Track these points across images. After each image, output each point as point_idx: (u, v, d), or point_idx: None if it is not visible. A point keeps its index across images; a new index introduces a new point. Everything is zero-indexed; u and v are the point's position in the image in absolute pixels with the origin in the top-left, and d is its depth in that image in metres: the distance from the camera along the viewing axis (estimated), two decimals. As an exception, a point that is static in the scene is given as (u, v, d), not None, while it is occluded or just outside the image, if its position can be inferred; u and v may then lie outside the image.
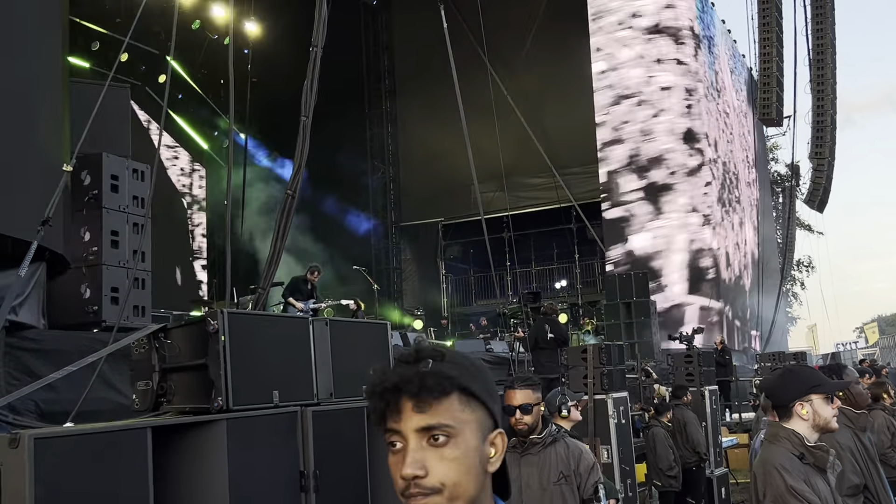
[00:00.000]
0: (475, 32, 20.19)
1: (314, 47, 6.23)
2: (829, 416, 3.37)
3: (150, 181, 8.20)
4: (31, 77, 7.13)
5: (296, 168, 6.12)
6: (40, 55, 7.37)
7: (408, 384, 1.42)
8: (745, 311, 25.28)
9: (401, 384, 1.42)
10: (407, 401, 1.42)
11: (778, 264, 30.70)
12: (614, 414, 8.83)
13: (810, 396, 3.36)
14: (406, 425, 1.42)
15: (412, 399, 1.42)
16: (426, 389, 1.41)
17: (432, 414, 1.41)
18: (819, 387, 3.39)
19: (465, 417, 1.44)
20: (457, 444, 1.42)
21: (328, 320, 4.08)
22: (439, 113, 21.74)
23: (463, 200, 21.94)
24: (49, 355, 6.45)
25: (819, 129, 22.11)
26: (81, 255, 8.06)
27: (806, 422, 3.35)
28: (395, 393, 1.43)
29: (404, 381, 1.42)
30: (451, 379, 1.44)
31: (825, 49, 21.69)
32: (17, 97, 6.85)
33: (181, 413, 3.45)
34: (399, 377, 1.43)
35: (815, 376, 3.48)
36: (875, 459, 4.64)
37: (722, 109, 24.97)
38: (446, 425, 1.41)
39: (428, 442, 1.42)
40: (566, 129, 23.75)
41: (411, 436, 1.42)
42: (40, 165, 7.16)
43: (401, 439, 1.43)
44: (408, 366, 1.45)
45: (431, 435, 1.41)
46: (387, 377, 1.44)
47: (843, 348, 45.57)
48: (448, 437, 1.42)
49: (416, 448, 1.41)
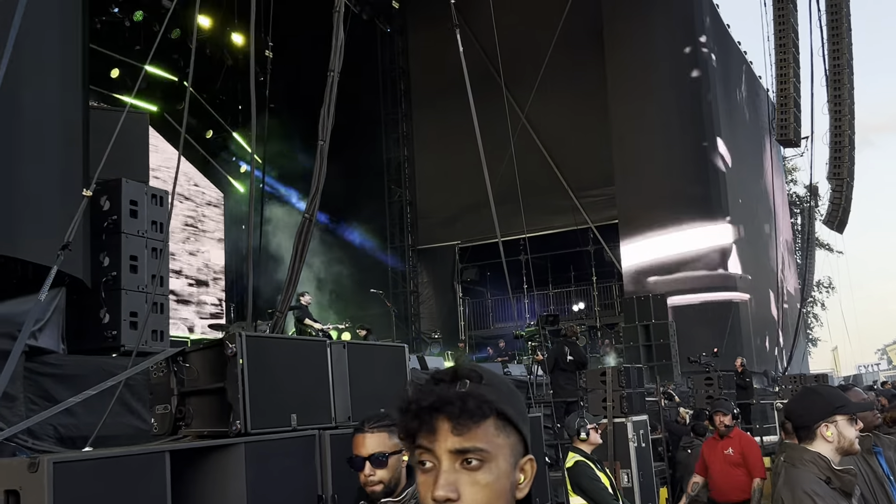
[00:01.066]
0: (491, 55, 20.27)
1: (331, 72, 6.27)
2: (853, 437, 3.28)
3: (169, 206, 8.25)
4: (53, 104, 7.21)
5: (313, 191, 6.15)
6: (62, 83, 7.46)
7: (448, 405, 1.39)
8: (766, 332, 25.09)
9: (439, 404, 1.39)
10: (444, 421, 1.39)
11: (797, 285, 30.49)
12: (634, 437, 8.77)
13: (835, 417, 3.26)
14: (441, 446, 1.39)
15: (450, 420, 1.39)
16: (467, 413, 1.38)
17: (469, 437, 1.38)
18: (843, 407, 3.28)
19: (500, 442, 1.42)
20: (490, 469, 1.39)
21: (346, 343, 4.08)
22: (455, 136, 21.80)
23: (479, 223, 21.90)
24: (69, 380, 6.47)
25: (837, 150, 21.96)
26: (100, 280, 8.11)
27: (830, 444, 3.24)
28: (432, 412, 1.39)
29: (444, 402, 1.39)
30: (490, 403, 1.41)
31: (842, 69, 21.61)
32: (39, 124, 6.92)
33: (199, 437, 3.45)
34: (438, 397, 1.40)
35: (838, 396, 3.38)
36: (884, 482, 4.56)
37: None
38: (481, 449, 1.39)
39: (461, 464, 1.39)
40: (583, 151, 23.76)
41: (445, 457, 1.39)
42: (60, 191, 7.22)
43: (433, 459, 1.40)
44: (446, 385, 1.43)
45: (465, 458, 1.38)
46: (425, 395, 1.41)
47: (865, 370, 45.15)
48: (482, 461, 1.39)
49: (448, 470, 1.38)
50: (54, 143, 7.29)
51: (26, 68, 6.79)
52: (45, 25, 7.17)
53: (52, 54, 7.39)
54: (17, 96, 6.66)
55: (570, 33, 23.00)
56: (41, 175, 6.88)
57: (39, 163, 6.86)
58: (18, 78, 6.23)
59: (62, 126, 7.47)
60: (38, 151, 6.86)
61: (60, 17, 7.67)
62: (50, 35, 7.36)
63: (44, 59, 7.21)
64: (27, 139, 6.70)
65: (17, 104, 6.73)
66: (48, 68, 7.28)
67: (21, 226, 6.67)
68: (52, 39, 7.40)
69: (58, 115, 7.40)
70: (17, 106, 6.74)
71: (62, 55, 7.62)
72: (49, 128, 7.19)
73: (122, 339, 7.90)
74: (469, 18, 17.53)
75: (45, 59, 7.24)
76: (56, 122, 7.36)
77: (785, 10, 21.83)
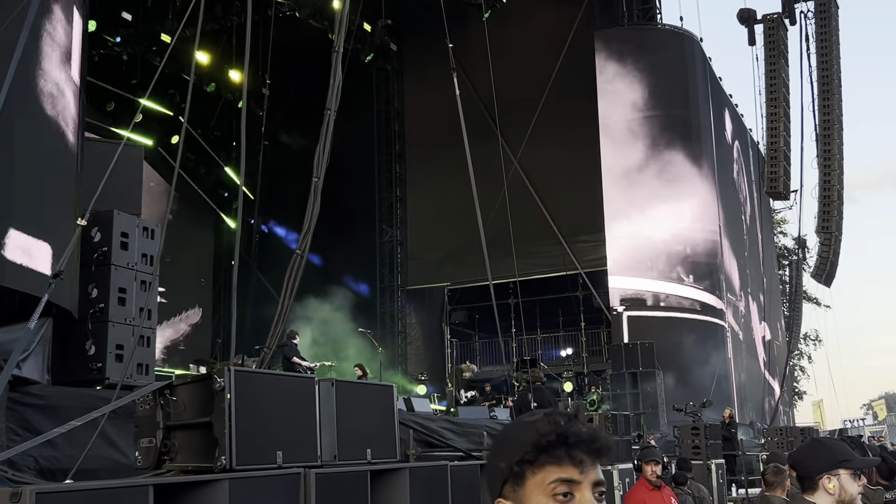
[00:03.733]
0: (485, 100, 20.45)
1: (328, 110, 6.32)
2: (855, 492, 3.27)
3: (160, 240, 8.24)
4: (50, 136, 7.23)
5: (305, 228, 6.15)
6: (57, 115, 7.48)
7: (595, 440, 1.53)
8: (751, 383, 25.07)
9: (588, 439, 1.53)
10: (587, 455, 1.52)
11: (784, 338, 30.52)
12: (619, 485, 8.72)
13: (839, 471, 3.27)
14: (588, 477, 1.51)
15: (592, 454, 1.53)
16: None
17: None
18: (848, 462, 3.29)
19: None
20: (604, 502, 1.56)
21: (334, 381, 4.06)
22: (448, 178, 21.89)
23: (469, 266, 21.90)
24: (51, 411, 6.39)
25: (826, 204, 22.15)
26: (88, 312, 8.05)
27: (832, 496, 3.24)
28: (583, 444, 1.52)
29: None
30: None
31: (832, 125, 21.87)
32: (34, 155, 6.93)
33: (183, 471, 3.42)
34: (585, 433, 1.53)
35: (844, 451, 3.38)
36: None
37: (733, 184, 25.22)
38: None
39: (596, 497, 1.53)
40: (574, 197, 23.85)
41: (589, 489, 1.52)
42: (51, 222, 7.21)
43: (576, 489, 1.51)
44: (579, 423, 1.56)
45: (600, 491, 1.53)
46: (573, 430, 1.53)
47: (851, 425, 45.00)
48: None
49: (590, 500, 1.51)
50: (48, 173, 7.29)
51: (22, 97, 6.81)
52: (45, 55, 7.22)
53: (49, 82, 7.42)
54: (12, 125, 6.68)
55: (563, 81, 23.26)
56: (33, 206, 6.87)
57: (32, 192, 6.85)
58: (13, 107, 6.25)
59: (56, 156, 7.48)
60: (31, 181, 6.86)
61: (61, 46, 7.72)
62: (51, 68, 7.40)
63: (40, 87, 7.24)
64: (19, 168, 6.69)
65: (11, 133, 6.74)
66: (45, 98, 7.30)
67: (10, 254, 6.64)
68: (52, 71, 7.44)
69: (52, 145, 7.40)
70: (11, 134, 6.76)
71: (59, 90, 7.65)
72: (42, 157, 7.20)
73: (106, 371, 7.82)
74: (464, 64, 17.67)
75: (42, 88, 7.27)
76: (51, 154, 7.36)
77: (776, 65, 22.17)
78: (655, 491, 7.81)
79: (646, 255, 21.96)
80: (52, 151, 7.47)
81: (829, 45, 21.97)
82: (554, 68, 23.15)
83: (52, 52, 7.51)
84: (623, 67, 22.84)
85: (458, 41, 13.05)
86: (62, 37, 7.73)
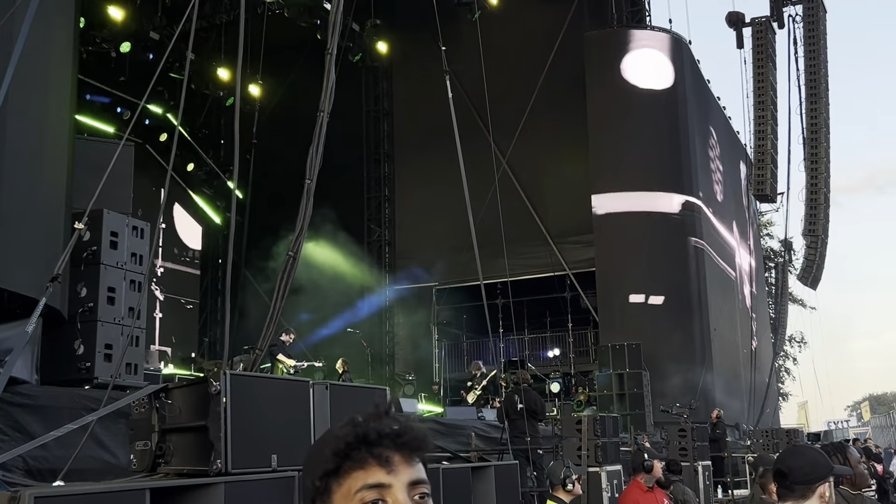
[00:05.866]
0: (474, 100, 20.43)
1: (321, 112, 6.30)
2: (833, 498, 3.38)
3: (151, 239, 8.21)
4: (41, 134, 7.19)
5: (298, 230, 6.14)
6: (49, 113, 7.44)
7: (403, 434, 1.31)
8: (738, 384, 25.18)
9: (393, 434, 1.30)
10: (395, 452, 1.30)
11: (770, 339, 30.68)
12: (608, 487, 8.75)
13: (830, 477, 3.36)
14: (399, 478, 1.29)
15: (402, 450, 1.30)
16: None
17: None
18: (834, 469, 3.40)
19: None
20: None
21: (328, 384, 4.06)
22: (436, 178, 21.91)
23: (456, 266, 21.93)
24: (41, 411, 6.37)
25: (812, 207, 22.30)
26: (77, 311, 8.02)
27: (823, 503, 3.33)
28: (387, 440, 1.30)
29: (398, 432, 1.31)
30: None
31: (819, 128, 22.02)
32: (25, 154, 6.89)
33: (178, 475, 3.41)
34: (391, 427, 1.31)
35: (828, 458, 3.49)
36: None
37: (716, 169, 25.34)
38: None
39: (416, 499, 1.30)
40: (563, 198, 23.89)
41: (403, 491, 1.29)
42: (41, 221, 7.18)
43: (387, 494, 1.28)
44: (387, 418, 1.33)
45: (420, 492, 1.30)
46: (373, 426, 1.31)
47: (835, 426, 45.23)
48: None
49: (405, 502, 1.29)
50: (38, 173, 7.26)
51: (14, 96, 6.78)
52: (38, 54, 7.18)
53: (40, 83, 7.39)
54: (3, 124, 6.64)
55: (552, 80, 23.28)
56: (24, 205, 6.84)
57: (23, 192, 6.81)
58: (4, 105, 6.22)
59: (47, 156, 7.45)
60: (23, 181, 6.83)
61: (52, 45, 7.68)
62: (42, 64, 7.36)
63: (31, 87, 7.20)
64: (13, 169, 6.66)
65: (3, 131, 6.71)
66: (36, 97, 7.27)
67: (2, 254, 6.61)
68: (43, 69, 7.40)
69: (43, 143, 7.37)
70: (3, 133, 6.72)
71: (50, 84, 7.62)
72: (35, 158, 7.16)
73: (95, 370, 7.81)
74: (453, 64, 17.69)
75: (33, 88, 7.23)
76: (42, 152, 7.33)
77: (764, 69, 22.28)
78: (649, 493, 7.85)
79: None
80: (43, 149, 7.44)
81: (817, 48, 22.12)
82: (543, 69, 23.16)
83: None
84: (612, 69, 22.90)
85: (448, 41, 13.00)
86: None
